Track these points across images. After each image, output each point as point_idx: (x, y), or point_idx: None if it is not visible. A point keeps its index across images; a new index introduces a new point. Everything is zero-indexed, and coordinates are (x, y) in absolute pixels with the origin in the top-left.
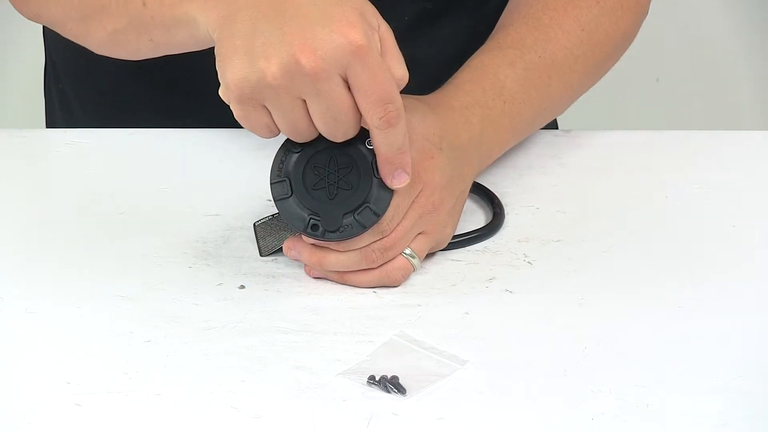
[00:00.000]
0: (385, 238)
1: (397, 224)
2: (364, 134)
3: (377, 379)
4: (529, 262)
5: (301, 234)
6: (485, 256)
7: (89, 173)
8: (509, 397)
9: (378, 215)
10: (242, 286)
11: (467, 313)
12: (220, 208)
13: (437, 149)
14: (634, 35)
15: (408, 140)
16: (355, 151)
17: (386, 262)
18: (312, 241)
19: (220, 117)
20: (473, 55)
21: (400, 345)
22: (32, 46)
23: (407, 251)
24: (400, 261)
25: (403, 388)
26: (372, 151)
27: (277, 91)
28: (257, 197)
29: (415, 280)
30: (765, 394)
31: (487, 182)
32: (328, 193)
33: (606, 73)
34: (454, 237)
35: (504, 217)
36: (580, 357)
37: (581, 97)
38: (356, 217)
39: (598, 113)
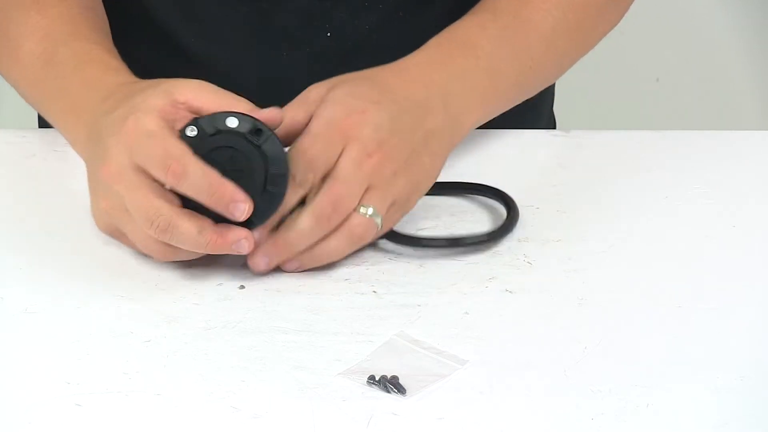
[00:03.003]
0: (322, 192)
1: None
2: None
3: (377, 379)
4: (529, 262)
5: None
6: (485, 256)
7: None
8: (509, 397)
9: (284, 173)
10: (242, 286)
11: (467, 313)
12: None
13: (371, 103)
14: None
15: (215, 177)
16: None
17: (344, 221)
18: (257, 236)
19: None
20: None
21: (400, 345)
22: None
23: (362, 209)
24: (357, 218)
25: (403, 388)
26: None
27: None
28: None
29: (415, 279)
30: (765, 394)
31: (488, 182)
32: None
33: (600, 37)
34: (465, 239)
35: (517, 218)
36: (580, 357)
37: (581, 97)
38: (268, 189)
39: (598, 113)
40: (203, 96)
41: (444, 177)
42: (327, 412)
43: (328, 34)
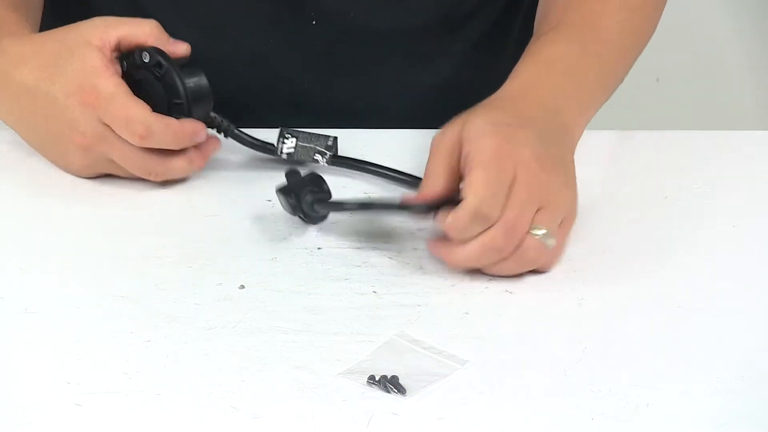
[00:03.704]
0: (497, 224)
1: (504, 207)
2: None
3: (377, 379)
4: None
5: None
6: None
7: None
8: (509, 397)
9: (181, 102)
10: (242, 286)
11: (467, 313)
12: (220, 208)
13: (516, 128)
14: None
15: (174, 124)
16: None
17: (518, 247)
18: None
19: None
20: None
21: (400, 345)
22: None
23: (534, 230)
24: (530, 241)
25: (403, 388)
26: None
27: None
28: (257, 197)
29: (415, 279)
30: (765, 394)
31: None
32: None
33: (650, 36)
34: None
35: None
36: (580, 357)
37: None
38: (173, 116)
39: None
40: (120, 31)
41: None
42: (327, 412)
43: (314, 22)
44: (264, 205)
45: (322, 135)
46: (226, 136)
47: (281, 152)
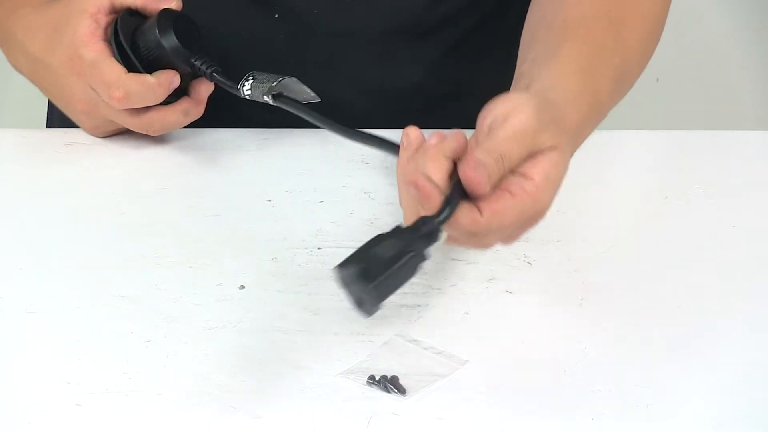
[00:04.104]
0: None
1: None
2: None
3: (377, 379)
4: (528, 262)
5: None
6: (485, 256)
7: (89, 173)
8: (509, 397)
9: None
10: (242, 286)
11: (467, 313)
12: (220, 208)
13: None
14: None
15: (149, 81)
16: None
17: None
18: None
19: (220, 117)
20: (564, 46)
21: (400, 345)
22: None
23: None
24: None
25: (403, 388)
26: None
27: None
28: (257, 197)
29: (415, 279)
30: (765, 394)
31: None
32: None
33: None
34: None
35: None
36: (580, 357)
37: None
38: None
39: None
40: None
41: None
42: (327, 412)
43: (276, 16)
44: (264, 205)
45: (279, 77)
46: (210, 80)
47: (243, 93)
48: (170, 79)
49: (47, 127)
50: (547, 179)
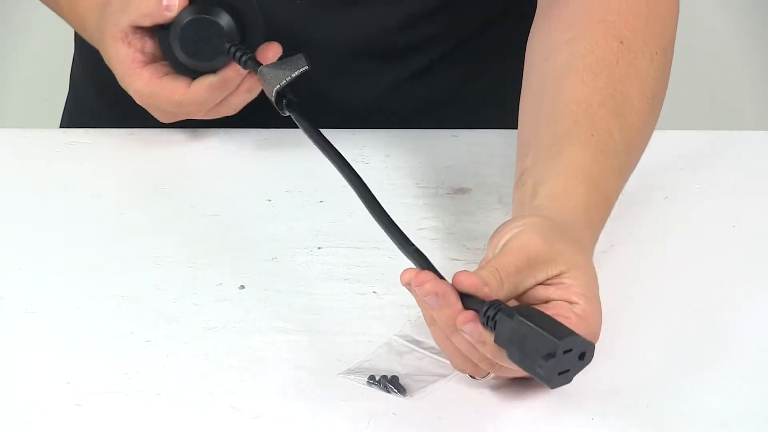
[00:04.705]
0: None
1: None
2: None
3: (377, 379)
4: None
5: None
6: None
7: (89, 173)
8: (509, 397)
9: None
10: (242, 286)
11: None
12: (220, 208)
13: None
14: None
15: (204, 84)
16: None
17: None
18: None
19: (221, 117)
20: (569, 145)
21: (400, 345)
22: (33, 46)
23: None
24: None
25: (403, 388)
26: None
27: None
28: (257, 197)
29: None
30: (765, 394)
31: (488, 182)
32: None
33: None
34: None
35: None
36: None
37: None
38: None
39: None
40: (130, 17)
41: (442, 176)
42: (327, 412)
43: None
44: (264, 205)
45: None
46: (245, 67)
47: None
48: (235, 72)
49: (60, 126)
50: (587, 298)
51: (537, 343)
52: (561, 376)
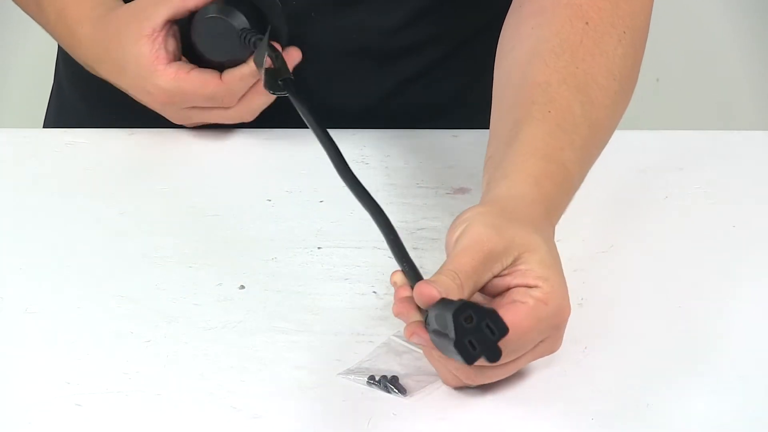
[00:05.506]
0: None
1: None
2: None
3: (377, 379)
4: None
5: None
6: None
7: (89, 173)
8: (509, 397)
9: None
10: (242, 286)
11: None
12: (220, 208)
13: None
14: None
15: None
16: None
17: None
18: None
19: None
20: (525, 125)
21: (400, 345)
22: (33, 46)
23: None
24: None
25: (403, 388)
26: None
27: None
28: (257, 197)
29: None
30: (765, 394)
31: None
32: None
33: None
34: None
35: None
36: (580, 357)
37: None
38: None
39: None
40: (163, 13)
41: (442, 176)
42: (327, 412)
43: None
44: (264, 205)
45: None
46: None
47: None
48: (252, 70)
49: (44, 126)
50: (544, 278)
51: (444, 323)
52: (478, 351)
